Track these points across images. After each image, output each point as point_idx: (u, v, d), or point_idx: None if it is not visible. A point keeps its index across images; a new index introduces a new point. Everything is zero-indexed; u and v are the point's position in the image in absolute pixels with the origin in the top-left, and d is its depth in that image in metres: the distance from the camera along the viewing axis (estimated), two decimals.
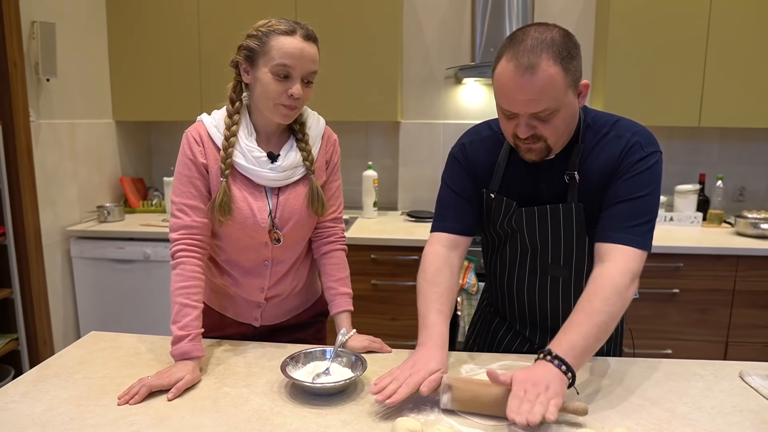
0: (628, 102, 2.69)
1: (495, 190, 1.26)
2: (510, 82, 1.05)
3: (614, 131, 1.19)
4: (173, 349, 1.19)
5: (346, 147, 3.22)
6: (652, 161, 1.15)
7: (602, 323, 1.05)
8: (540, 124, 1.09)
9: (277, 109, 1.25)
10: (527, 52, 1.03)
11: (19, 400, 1.08)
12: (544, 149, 1.13)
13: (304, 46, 1.23)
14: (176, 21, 2.88)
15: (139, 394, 1.07)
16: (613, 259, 1.11)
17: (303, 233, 1.39)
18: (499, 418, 1.00)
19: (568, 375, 1.00)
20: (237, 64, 1.29)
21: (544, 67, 1.03)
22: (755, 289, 2.43)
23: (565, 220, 1.21)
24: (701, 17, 2.58)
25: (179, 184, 1.28)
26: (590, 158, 1.18)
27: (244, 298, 1.41)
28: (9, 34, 2.31)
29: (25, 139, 2.42)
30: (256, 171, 1.28)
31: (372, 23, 2.75)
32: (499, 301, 1.42)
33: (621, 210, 1.14)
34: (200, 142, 1.29)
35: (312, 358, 1.20)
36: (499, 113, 1.15)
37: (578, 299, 1.10)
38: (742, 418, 1.02)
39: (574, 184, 1.19)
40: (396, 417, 0.99)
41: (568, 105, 1.09)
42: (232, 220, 1.28)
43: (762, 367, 1.22)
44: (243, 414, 1.03)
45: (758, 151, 2.99)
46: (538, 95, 1.04)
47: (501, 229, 1.30)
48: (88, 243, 2.70)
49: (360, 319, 2.65)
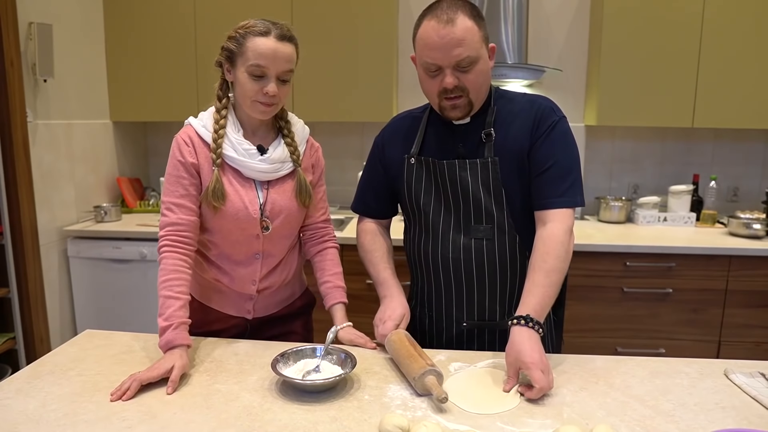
0: (622, 103, 2.71)
1: (416, 154, 1.37)
2: (434, 35, 1.18)
3: (526, 98, 1.34)
4: (160, 341, 1.22)
5: (341, 147, 3.25)
6: (565, 125, 1.30)
7: (558, 280, 1.21)
8: (462, 75, 1.22)
9: (255, 107, 1.32)
10: (445, 10, 1.19)
11: (13, 396, 1.10)
12: (467, 105, 1.26)
13: (277, 46, 1.29)
14: (173, 22, 2.89)
15: (130, 390, 1.09)
16: (554, 220, 1.25)
17: (292, 227, 1.45)
18: (488, 416, 1.02)
19: (540, 332, 1.15)
20: (221, 64, 1.36)
21: (461, 21, 1.18)
22: (747, 289, 2.45)
23: (483, 173, 1.29)
24: (694, 19, 2.60)
25: (168, 184, 1.35)
26: (506, 119, 1.31)
27: (237, 291, 1.44)
28: (6, 34, 2.33)
29: (22, 140, 2.43)
30: (246, 162, 1.34)
31: (367, 24, 2.76)
32: (425, 286, 1.43)
33: (550, 176, 1.26)
34: (190, 143, 1.34)
35: (302, 356, 1.21)
36: (423, 76, 1.27)
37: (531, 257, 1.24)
38: (724, 414, 1.03)
39: (491, 141, 1.30)
40: (384, 413, 1.01)
41: (483, 58, 1.23)
42: (224, 210, 1.33)
43: (747, 365, 1.24)
44: (233, 410, 1.05)
45: (751, 152, 3.01)
46: (459, 43, 1.17)
47: (425, 194, 1.36)
48: (84, 243, 2.71)
49: (354, 318, 2.65)
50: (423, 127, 1.39)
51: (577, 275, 2.48)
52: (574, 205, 1.27)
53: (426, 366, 1.09)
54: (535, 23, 2.96)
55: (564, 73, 2.96)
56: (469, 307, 1.38)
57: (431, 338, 1.44)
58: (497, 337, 1.38)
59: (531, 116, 1.29)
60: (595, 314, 2.52)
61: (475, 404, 1.07)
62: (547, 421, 1.01)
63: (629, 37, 2.65)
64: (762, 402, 1.07)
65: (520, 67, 2.72)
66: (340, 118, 2.91)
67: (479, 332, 1.39)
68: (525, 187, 1.30)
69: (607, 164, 3.10)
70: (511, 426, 0.99)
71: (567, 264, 1.23)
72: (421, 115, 1.42)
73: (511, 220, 1.31)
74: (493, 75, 2.71)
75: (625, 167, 3.09)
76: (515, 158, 1.29)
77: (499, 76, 2.74)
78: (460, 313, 1.39)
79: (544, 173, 1.27)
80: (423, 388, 1.07)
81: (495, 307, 1.37)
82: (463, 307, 1.38)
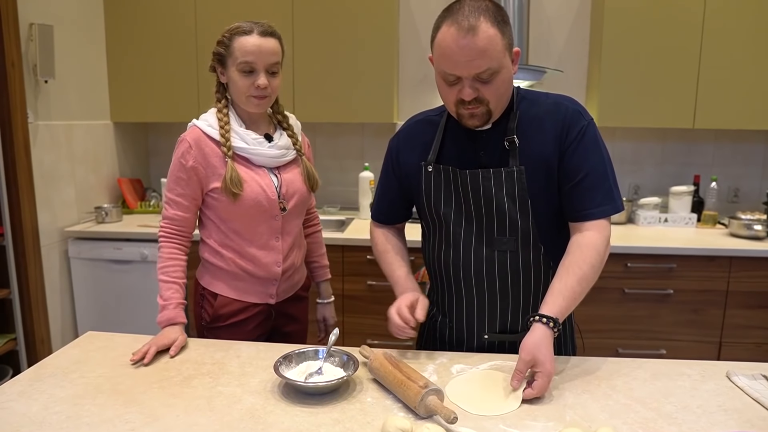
0: (623, 104, 2.72)
1: (433, 161, 1.31)
2: (453, 45, 1.11)
3: (550, 99, 1.27)
4: (159, 317, 1.40)
5: (342, 148, 3.25)
6: (594, 129, 1.24)
7: (587, 289, 1.19)
8: (482, 87, 1.15)
9: (249, 101, 1.43)
10: (466, 16, 1.10)
11: (16, 399, 1.10)
12: (486, 114, 1.19)
13: (261, 42, 1.39)
14: (174, 23, 2.90)
15: (149, 353, 1.26)
16: (592, 229, 1.21)
17: (302, 207, 1.59)
18: (491, 419, 1.02)
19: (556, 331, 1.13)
20: (214, 69, 1.48)
21: (483, 29, 1.09)
22: (748, 290, 2.45)
23: (507, 184, 1.23)
24: (695, 20, 2.60)
25: (170, 180, 1.47)
26: (530, 125, 1.24)
27: (262, 277, 1.54)
28: (7, 35, 2.33)
29: (23, 140, 2.43)
30: (256, 150, 1.46)
31: (368, 25, 2.76)
32: (452, 295, 1.36)
33: (584, 186, 1.21)
34: (194, 145, 1.44)
35: (305, 358, 1.22)
36: (441, 83, 1.20)
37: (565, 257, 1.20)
38: (726, 417, 1.04)
39: (515, 149, 1.23)
40: (386, 416, 1.01)
41: (506, 67, 1.15)
42: (244, 197, 1.43)
43: (749, 367, 1.24)
44: (236, 413, 1.05)
45: (752, 153, 3.01)
46: (481, 55, 1.10)
47: (445, 204, 1.30)
48: (85, 243, 2.71)
49: (356, 319, 2.69)
50: (441, 132, 1.31)
51: None
52: (613, 212, 1.22)
53: (421, 390, 1.02)
54: (536, 24, 2.97)
55: (565, 74, 2.96)
56: (491, 320, 1.33)
57: (451, 347, 1.40)
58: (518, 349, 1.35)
59: (558, 122, 1.22)
60: (596, 315, 2.52)
61: (477, 406, 1.07)
62: (549, 423, 1.01)
63: (630, 39, 2.66)
64: (764, 404, 1.07)
65: (521, 67, 2.71)
66: (341, 119, 2.91)
67: (500, 344, 1.34)
68: (552, 196, 1.25)
69: None
70: (514, 428, 0.99)
71: (598, 275, 1.20)
72: (438, 119, 1.33)
73: (536, 231, 1.26)
74: None
75: (625, 168, 3.10)
76: (541, 166, 1.23)
77: None
78: (482, 324, 1.34)
79: (578, 184, 1.21)
80: (427, 411, 1.02)
81: (518, 319, 1.32)
82: (485, 319, 1.33)
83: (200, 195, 1.48)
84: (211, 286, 1.53)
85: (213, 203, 1.48)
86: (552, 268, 1.27)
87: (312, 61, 2.84)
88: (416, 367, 1.20)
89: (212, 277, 1.54)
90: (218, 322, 1.51)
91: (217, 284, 1.53)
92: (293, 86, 2.87)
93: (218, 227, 1.51)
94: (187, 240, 1.51)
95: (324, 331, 1.77)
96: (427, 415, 1.02)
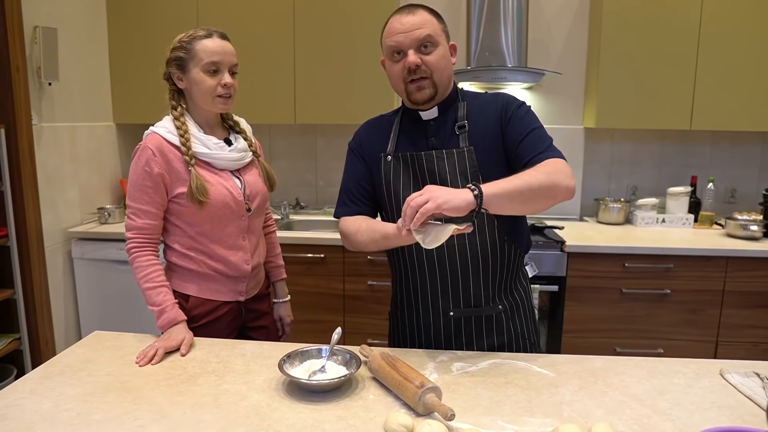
0: (621, 105, 2.74)
1: (392, 152, 1.41)
2: (396, 24, 1.32)
3: (490, 94, 1.42)
4: (160, 321, 1.42)
5: (342, 149, 3.25)
6: (527, 106, 1.37)
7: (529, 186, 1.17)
8: (424, 57, 1.30)
9: (216, 101, 1.47)
10: (407, 7, 1.33)
11: (27, 396, 1.12)
12: (431, 87, 1.33)
13: (223, 44, 1.47)
14: (176, 25, 2.91)
15: (157, 355, 1.30)
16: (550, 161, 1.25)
17: (264, 206, 1.65)
18: (489, 415, 1.05)
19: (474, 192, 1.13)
20: (169, 75, 1.51)
21: (421, 11, 1.32)
22: (744, 290, 2.48)
23: (460, 163, 1.34)
24: (692, 23, 2.63)
25: (133, 190, 1.47)
26: (474, 112, 1.37)
27: (233, 276, 1.57)
28: (12, 38, 2.35)
29: (28, 142, 2.46)
30: (219, 155, 1.50)
31: (367, 27, 2.79)
32: (410, 281, 1.44)
33: (531, 139, 1.30)
34: (157, 153, 1.45)
35: (308, 356, 1.24)
36: (389, 65, 1.36)
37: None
38: (719, 413, 1.06)
39: (464, 132, 1.35)
40: (389, 412, 1.04)
41: (444, 46, 1.33)
42: (211, 201, 1.45)
43: (742, 365, 1.27)
44: (242, 410, 1.08)
45: (749, 154, 3.04)
46: (420, 25, 1.29)
47: (404, 188, 1.37)
48: (88, 244, 2.74)
49: (356, 318, 2.72)
50: (396, 127, 1.44)
51: (576, 276, 2.51)
52: (563, 158, 1.27)
53: (418, 391, 1.05)
54: (534, 27, 2.99)
55: (563, 76, 2.99)
56: (455, 296, 1.40)
57: (419, 333, 1.45)
58: (484, 324, 1.41)
59: (498, 105, 1.36)
60: (594, 315, 2.55)
61: None
62: (547, 419, 1.04)
63: (628, 41, 2.68)
64: (756, 401, 1.10)
65: (519, 70, 2.75)
66: (341, 120, 2.93)
67: (466, 321, 1.41)
68: (502, 172, 1.28)
69: (606, 166, 3.13)
70: (512, 425, 1.02)
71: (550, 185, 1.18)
72: (393, 117, 1.47)
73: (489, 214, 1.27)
74: (492, 78, 2.78)
75: (623, 169, 3.12)
76: (489, 146, 1.34)
77: (499, 79, 2.77)
78: (447, 302, 1.41)
79: (524, 139, 1.30)
80: (426, 409, 1.05)
81: (480, 293, 1.39)
82: (449, 297, 1.40)
83: (166, 201, 1.48)
84: (182, 288, 1.53)
85: (178, 209, 1.48)
86: (507, 243, 1.38)
87: (312, 64, 2.87)
88: (416, 366, 1.23)
89: (182, 279, 1.54)
90: (192, 323, 1.48)
91: (188, 286, 1.53)
92: (294, 88, 2.90)
93: (184, 231, 1.51)
94: (157, 246, 1.52)
95: (282, 330, 1.79)
96: (426, 412, 1.05)
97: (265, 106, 2.92)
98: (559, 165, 1.23)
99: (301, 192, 3.31)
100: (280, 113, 2.94)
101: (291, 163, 3.30)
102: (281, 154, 3.30)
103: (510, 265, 1.42)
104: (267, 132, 3.26)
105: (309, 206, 3.27)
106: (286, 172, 3.28)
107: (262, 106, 2.92)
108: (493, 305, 1.41)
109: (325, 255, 2.64)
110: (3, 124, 2.37)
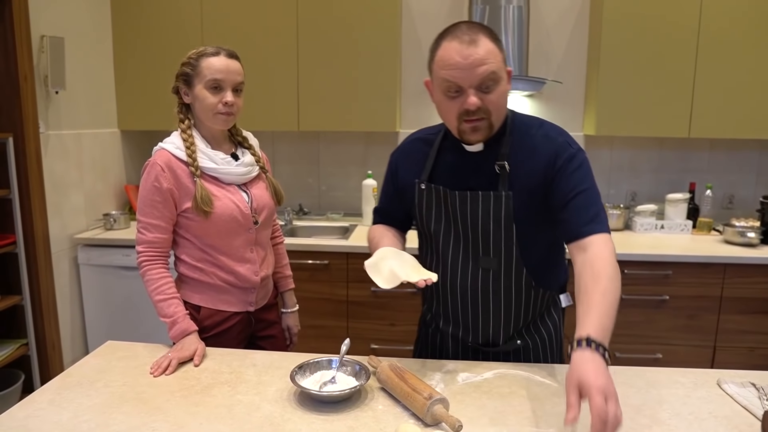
0: (620, 113, 2.78)
1: (425, 180, 1.36)
2: (456, 56, 1.16)
3: (542, 131, 1.30)
4: (173, 332, 1.45)
5: (345, 156, 3.31)
6: (582, 157, 1.27)
7: (614, 301, 1.11)
8: (485, 97, 1.19)
9: (217, 118, 1.50)
10: (465, 32, 1.17)
11: (46, 407, 1.16)
12: (488, 127, 1.23)
13: (228, 62, 1.49)
14: (179, 32, 2.95)
15: (171, 366, 1.33)
16: (597, 245, 1.18)
17: (271, 219, 1.69)
18: (495, 425, 1.09)
19: (606, 356, 1.02)
20: (177, 90, 1.55)
21: (484, 41, 1.17)
22: (742, 296, 2.52)
23: (495, 207, 1.28)
24: (691, 31, 2.67)
25: (143, 205, 1.50)
26: (521, 153, 1.28)
27: (242, 287, 1.60)
28: (20, 48, 2.39)
29: (35, 150, 2.49)
30: (225, 169, 1.53)
31: (371, 35, 2.83)
32: (439, 303, 1.46)
33: (578, 204, 1.23)
34: (166, 168, 1.48)
35: (319, 368, 1.28)
36: (442, 99, 1.22)
37: (579, 284, 1.15)
38: (716, 423, 1.10)
39: (505, 174, 1.27)
40: (398, 423, 1.08)
41: (504, 79, 1.21)
42: (218, 214, 1.49)
43: (739, 375, 1.30)
44: (256, 420, 1.11)
45: (746, 161, 3.08)
46: (484, 62, 1.15)
47: (435, 221, 1.37)
48: (94, 250, 2.77)
49: (359, 324, 2.75)
50: (435, 152, 1.37)
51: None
52: (608, 231, 1.22)
53: (426, 402, 1.08)
54: (535, 35, 3.03)
55: (563, 84, 3.03)
56: (474, 332, 1.41)
57: (441, 354, 1.49)
58: (501, 357, 1.42)
59: (548, 152, 1.26)
60: None
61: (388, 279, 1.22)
62: (550, 430, 1.07)
63: (627, 50, 2.72)
64: (752, 411, 1.14)
65: (520, 78, 2.78)
66: (345, 127, 2.97)
67: (484, 355, 1.42)
68: (538, 222, 1.29)
69: (605, 172, 3.17)
70: None
71: (619, 286, 1.13)
72: (434, 138, 1.39)
73: (519, 254, 1.31)
74: None
75: (623, 175, 3.17)
76: (529, 193, 1.27)
77: None
78: (466, 335, 1.43)
79: (571, 201, 1.23)
80: (434, 420, 1.08)
81: (499, 333, 1.40)
82: (469, 331, 1.42)
83: (175, 215, 1.51)
84: (193, 299, 1.57)
85: (187, 223, 1.52)
86: (534, 288, 1.35)
87: (316, 71, 2.90)
88: (423, 376, 1.26)
89: (193, 290, 1.58)
90: (203, 334, 1.53)
91: (199, 297, 1.57)
92: (298, 95, 2.93)
93: (194, 244, 1.55)
94: (167, 258, 1.55)
95: (290, 340, 1.83)
96: (434, 423, 1.08)
97: (268, 113, 2.96)
98: (607, 253, 1.16)
99: (304, 198, 3.34)
100: (283, 120, 2.97)
101: (294, 170, 3.34)
102: (284, 161, 3.34)
103: (536, 306, 1.39)
104: (270, 139, 3.30)
105: (312, 212, 3.31)
106: (289, 178, 3.31)
107: (266, 114, 2.95)
108: (510, 342, 1.40)
109: (329, 261, 2.68)
110: (11, 132, 2.41)
